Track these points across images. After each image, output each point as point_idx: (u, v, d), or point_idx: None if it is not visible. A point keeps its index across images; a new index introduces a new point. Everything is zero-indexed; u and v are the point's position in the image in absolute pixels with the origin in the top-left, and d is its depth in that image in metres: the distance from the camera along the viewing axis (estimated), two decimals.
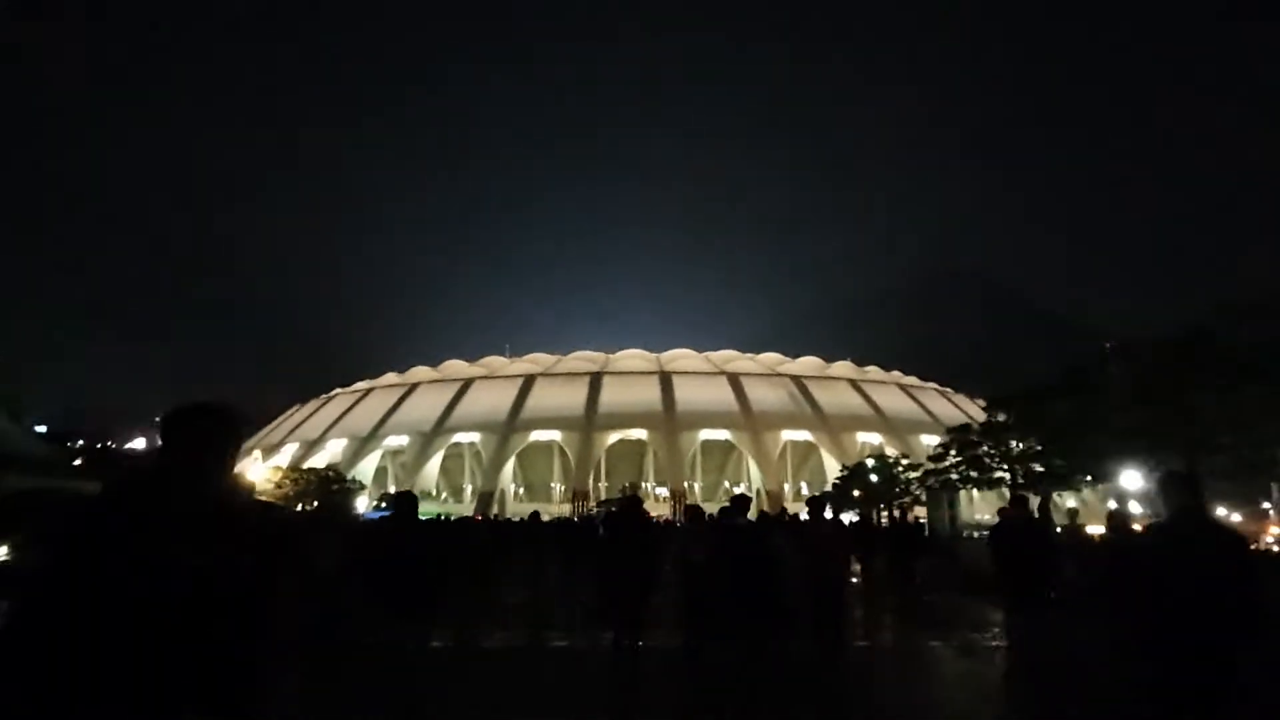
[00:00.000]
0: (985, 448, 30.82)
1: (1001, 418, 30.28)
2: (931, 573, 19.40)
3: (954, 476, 32.27)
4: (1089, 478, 27.46)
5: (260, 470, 53.30)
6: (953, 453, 32.99)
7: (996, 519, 10.83)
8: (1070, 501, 34.74)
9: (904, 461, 42.56)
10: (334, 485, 49.51)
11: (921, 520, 24.64)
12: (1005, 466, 29.72)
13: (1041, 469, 27.95)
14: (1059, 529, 14.33)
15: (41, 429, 56.98)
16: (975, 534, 26.83)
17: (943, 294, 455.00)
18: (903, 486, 39.48)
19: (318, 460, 62.97)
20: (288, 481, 49.70)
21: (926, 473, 35.95)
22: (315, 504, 43.98)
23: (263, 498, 47.52)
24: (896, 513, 25.91)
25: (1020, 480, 28.16)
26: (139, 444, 58.15)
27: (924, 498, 33.18)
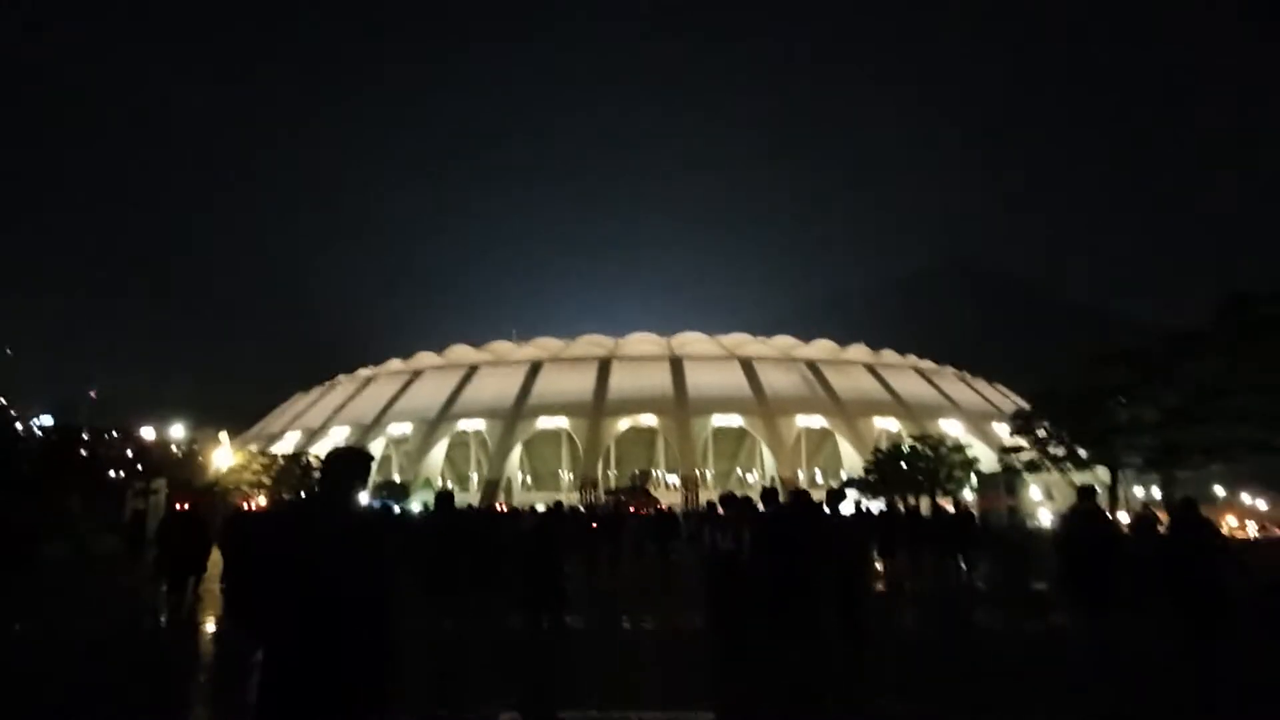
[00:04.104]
0: (1069, 424, 25.43)
1: (1047, 399, 25.69)
2: (999, 576, 17.29)
3: (1034, 457, 27.04)
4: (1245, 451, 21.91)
5: (226, 456, 51.06)
6: (1040, 431, 27.04)
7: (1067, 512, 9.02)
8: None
9: (946, 444, 38.08)
10: (299, 471, 46.49)
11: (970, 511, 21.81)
12: (1104, 444, 24.35)
13: (1156, 443, 22.61)
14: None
15: (48, 420, 55.08)
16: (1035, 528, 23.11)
17: (953, 284, 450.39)
18: (947, 471, 34.70)
19: (319, 449, 61.42)
20: (259, 467, 47.41)
21: (1002, 450, 30.27)
22: (300, 493, 41.75)
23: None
24: (948, 502, 22.55)
25: (1124, 461, 23.54)
26: (148, 434, 55.95)
27: (975, 483, 29.81)
